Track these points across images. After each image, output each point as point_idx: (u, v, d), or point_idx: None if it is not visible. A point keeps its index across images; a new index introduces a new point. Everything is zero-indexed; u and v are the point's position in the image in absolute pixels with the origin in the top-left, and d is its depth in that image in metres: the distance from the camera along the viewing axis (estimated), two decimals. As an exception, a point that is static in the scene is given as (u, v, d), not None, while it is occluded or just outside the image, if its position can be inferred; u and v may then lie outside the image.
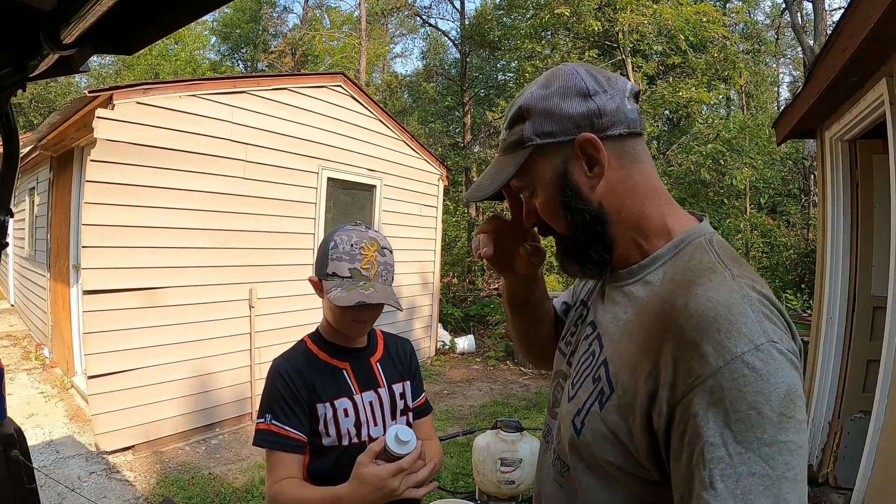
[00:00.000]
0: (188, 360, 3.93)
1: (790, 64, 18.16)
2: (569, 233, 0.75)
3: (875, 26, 2.04)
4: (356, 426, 1.22)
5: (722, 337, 0.57)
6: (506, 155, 0.77)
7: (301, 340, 1.29)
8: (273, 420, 1.15)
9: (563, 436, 0.76)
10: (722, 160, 8.83)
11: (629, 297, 0.72)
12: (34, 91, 16.25)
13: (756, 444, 0.54)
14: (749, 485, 0.54)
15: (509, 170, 0.74)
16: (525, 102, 0.73)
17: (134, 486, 3.29)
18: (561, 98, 0.71)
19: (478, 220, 12.85)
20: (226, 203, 4.26)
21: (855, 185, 3.27)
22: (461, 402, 5.41)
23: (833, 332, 3.27)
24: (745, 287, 0.61)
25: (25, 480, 1.62)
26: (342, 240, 1.19)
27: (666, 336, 0.62)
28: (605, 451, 0.67)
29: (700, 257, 0.67)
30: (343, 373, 1.25)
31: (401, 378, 1.33)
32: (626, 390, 0.65)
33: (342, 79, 5.49)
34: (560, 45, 10.82)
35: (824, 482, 3.16)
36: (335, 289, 1.16)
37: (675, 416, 0.59)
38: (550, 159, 0.73)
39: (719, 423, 0.56)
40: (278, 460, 1.15)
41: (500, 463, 2.35)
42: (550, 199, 0.74)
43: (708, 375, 0.57)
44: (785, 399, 0.55)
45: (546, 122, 0.71)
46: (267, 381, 1.21)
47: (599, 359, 0.73)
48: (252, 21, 22.04)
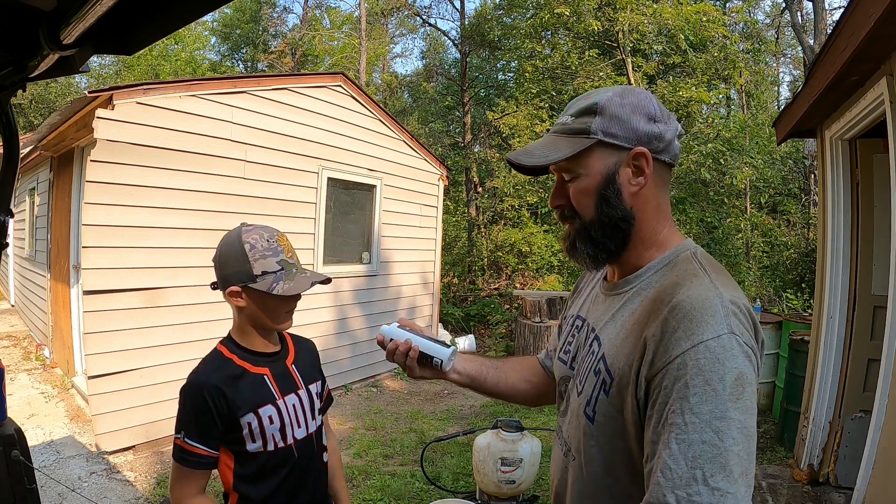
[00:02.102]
0: (189, 359, 3.92)
1: (790, 63, 18.16)
2: (595, 222, 0.84)
3: (875, 25, 2.04)
4: (281, 431, 1.24)
5: (693, 325, 0.68)
6: (564, 137, 0.85)
7: (216, 350, 1.28)
8: (186, 438, 1.16)
9: (573, 427, 0.87)
10: (722, 159, 8.82)
11: (624, 303, 0.85)
12: (34, 91, 16.24)
13: (708, 416, 0.64)
14: (699, 451, 0.63)
15: (566, 151, 0.83)
16: (602, 101, 0.82)
17: (134, 486, 3.29)
18: (632, 112, 0.81)
19: (478, 220, 12.85)
20: (226, 203, 4.26)
21: (855, 185, 3.27)
22: (461, 402, 5.41)
23: (833, 331, 3.27)
24: (719, 289, 0.73)
25: (26, 480, 1.62)
26: (254, 240, 1.22)
27: (654, 325, 0.73)
28: (616, 430, 0.78)
29: (685, 266, 0.80)
30: (264, 379, 1.26)
31: (314, 377, 1.38)
32: (622, 375, 0.77)
33: (342, 79, 5.49)
34: (560, 44, 10.82)
35: (825, 481, 3.16)
36: (276, 283, 1.19)
37: (651, 388, 0.71)
38: (605, 156, 0.82)
39: (680, 395, 0.66)
40: (186, 475, 1.18)
41: (501, 462, 2.35)
42: (591, 188, 0.83)
43: (678, 355, 0.68)
44: (736, 381, 0.65)
45: (614, 125, 0.81)
46: (183, 397, 1.20)
47: (598, 354, 0.84)
48: (252, 21, 22.03)
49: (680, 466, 0.64)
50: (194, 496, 1.19)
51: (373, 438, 4.25)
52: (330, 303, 5.42)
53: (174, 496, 1.19)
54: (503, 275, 11.90)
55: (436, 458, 3.84)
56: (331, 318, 5.43)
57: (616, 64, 10.60)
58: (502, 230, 12.24)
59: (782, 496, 3.14)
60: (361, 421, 4.69)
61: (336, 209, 5.47)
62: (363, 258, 5.95)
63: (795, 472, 3.34)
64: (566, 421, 0.92)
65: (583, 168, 0.83)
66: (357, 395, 5.48)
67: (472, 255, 12.27)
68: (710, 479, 0.62)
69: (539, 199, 11.47)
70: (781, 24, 16.10)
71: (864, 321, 3.18)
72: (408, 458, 3.91)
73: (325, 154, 5.21)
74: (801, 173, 12.22)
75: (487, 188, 13.04)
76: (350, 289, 5.69)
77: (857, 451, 2.78)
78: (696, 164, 8.76)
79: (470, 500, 2.17)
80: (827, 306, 3.32)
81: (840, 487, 3.06)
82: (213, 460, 1.20)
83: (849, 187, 3.28)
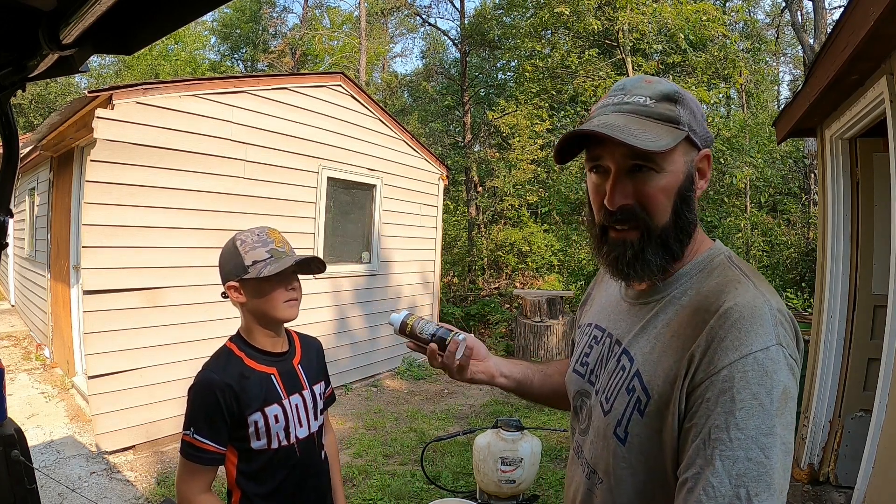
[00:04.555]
0: (189, 359, 3.92)
1: (790, 62, 18.15)
2: (670, 227, 0.75)
3: (875, 24, 2.04)
4: (285, 430, 1.26)
5: (743, 335, 0.65)
6: (653, 122, 0.73)
7: (225, 347, 1.30)
8: (196, 434, 1.18)
9: (599, 448, 0.80)
10: (722, 159, 8.82)
11: (656, 313, 0.78)
12: (34, 91, 16.24)
13: (755, 432, 0.61)
14: (744, 468, 0.60)
15: (667, 139, 0.71)
16: (677, 90, 0.75)
17: (134, 485, 3.29)
18: (699, 108, 0.77)
19: (478, 220, 12.84)
20: (226, 203, 4.26)
21: (855, 184, 3.26)
22: (462, 402, 5.42)
23: (833, 330, 3.26)
24: (766, 296, 0.69)
25: (26, 481, 1.62)
26: (245, 237, 1.25)
27: (699, 336, 0.68)
28: (652, 451, 0.72)
29: (725, 272, 0.75)
30: (272, 378, 1.28)
31: (318, 378, 1.40)
32: (662, 394, 0.71)
33: (342, 78, 5.48)
34: (560, 44, 10.81)
35: (825, 481, 3.16)
36: (264, 268, 1.20)
37: (692, 399, 0.66)
38: (686, 153, 0.76)
39: (726, 409, 0.62)
40: (194, 471, 1.20)
41: (501, 462, 2.35)
42: (673, 188, 0.74)
43: (724, 366, 0.64)
44: (782, 396, 0.63)
45: (694, 121, 0.75)
46: (193, 393, 1.21)
47: (631, 371, 0.77)
48: (252, 21, 22.01)
49: (724, 485, 0.61)
50: (201, 493, 1.20)
51: (373, 438, 4.25)
52: (330, 302, 5.42)
53: (180, 492, 1.20)
54: (503, 274, 11.89)
55: (436, 458, 3.84)
56: (331, 317, 5.43)
57: (616, 63, 10.60)
58: (502, 230, 12.23)
59: (782, 495, 3.13)
60: (361, 421, 4.69)
61: (336, 209, 5.47)
62: (363, 258, 5.95)
63: (796, 472, 3.34)
64: (588, 440, 0.85)
65: (669, 163, 0.73)
66: (357, 395, 5.48)
67: (472, 254, 12.27)
68: (755, 497, 0.60)
69: (539, 199, 11.46)
70: (781, 23, 16.09)
71: (864, 320, 3.17)
72: (408, 457, 3.91)
73: (325, 154, 5.21)
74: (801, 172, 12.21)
75: (487, 188, 13.03)
76: (350, 288, 5.69)
77: (857, 451, 2.78)
78: (696, 164, 8.73)
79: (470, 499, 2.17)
80: (827, 305, 3.32)
81: (840, 487, 3.06)
82: (221, 456, 1.22)
83: (849, 186, 3.28)
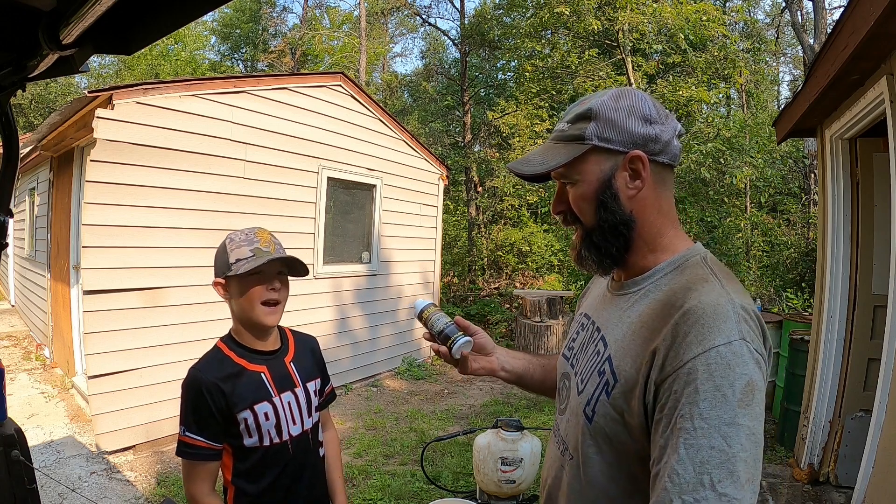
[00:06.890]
0: (189, 359, 3.88)
1: (790, 62, 18.15)
2: (595, 227, 0.85)
3: (875, 24, 2.04)
4: (276, 427, 1.27)
5: (705, 331, 0.69)
6: (561, 144, 0.85)
7: (215, 347, 1.32)
8: (187, 431, 1.20)
9: (572, 426, 0.87)
10: (722, 159, 8.81)
11: (632, 304, 0.84)
12: (34, 91, 16.24)
13: (717, 421, 0.64)
14: (707, 456, 0.64)
15: (561, 158, 0.83)
16: (596, 106, 0.82)
17: (134, 486, 3.29)
18: (627, 115, 0.81)
19: (478, 220, 12.84)
20: (226, 203, 4.26)
21: (855, 184, 3.27)
22: (462, 402, 5.42)
23: (834, 330, 3.27)
24: (731, 295, 0.73)
25: (26, 481, 1.62)
26: (235, 235, 1.28)
27: (665, 330, 0.73)
28: (615, 432, 0.78)
29: (696, 271, 0.80)
30: (261, 376, 1.28)
31: (313, 376, 1.40)
32: (628, 378, 0.76)
33: (342, 78, 5.48)
34: (560, 44, 10.81)
35: (825, 481, 3.16)
36: (242, 265, 1.21)
37: (660, 392, 0.71)
38: (601, 161, 0.83)
39: (690, 400, 0.66)
40: (195, 469, 1.21)
41: (501, 462, 2.35)
42: (589, 194, 0.84)
43: (688, 360, 0.68)
44: (745, 388, 0.66)
45: (608, 130, 0.81)
46: (184, 392, 1.23)
47: (604, 355, 0.83)
48: (252, 21, 22.03)
49: (687, 471, 0.64)
50: (207, 495, 1.21)
51: (373, 438, 4.25)
52: (330, 302, 5.42)
53: (189, 493, 1.22)
54: (503, 274, 11.90)
55: (436, 458, 3.84)
56: (331, 317, 5.43)
57: (616, 63, 10.60)
58: (502, 230, 12.24)
59: (782, 495, 3.14)
60: (361, 421, 4.69)
61: (336, 209, 5.47)
62: (363, 258, 5.94)
63: (796, 472, 3.34)
64: (564, 419, 0.92)
65: (579, 174, 0.84)
66: (357, 395, 5.48)
67: (472, 254, 12.27)
68: (718, 484, 0.62)
69: (539, 199, 11.47)
70: (781, 23, 16.10)
71: (864, 320, 3.18)
72: (408, 457, 3.91)
73: (325, 154, 5.21)
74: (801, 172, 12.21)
75: (487, 188, 13.04)
76: (350, 288, 5.69)
77: (857, 451, 2.78)
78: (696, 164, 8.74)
79: (470, 499, 2.17)
80: (827, 305, 3.32)
81: (840, 487, 3.06)
82: (215, 452, 1.23)
83: (849, 186, 3.28)
